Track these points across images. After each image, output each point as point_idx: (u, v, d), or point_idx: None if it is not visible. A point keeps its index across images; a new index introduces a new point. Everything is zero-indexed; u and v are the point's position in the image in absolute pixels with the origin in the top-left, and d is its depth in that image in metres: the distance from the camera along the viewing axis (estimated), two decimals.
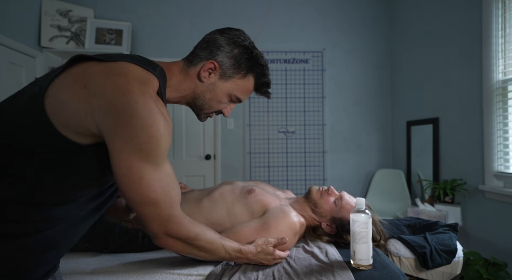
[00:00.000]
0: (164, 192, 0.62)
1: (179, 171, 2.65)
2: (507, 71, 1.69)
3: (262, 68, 0.77)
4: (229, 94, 0.76)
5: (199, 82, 0.73)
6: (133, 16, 2.66)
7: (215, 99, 0.76)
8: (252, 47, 0.76)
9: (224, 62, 0.73)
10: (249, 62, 0.75)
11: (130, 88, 0.58)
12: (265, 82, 0.79)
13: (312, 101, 2.80)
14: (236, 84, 0.75)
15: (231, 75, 0.74)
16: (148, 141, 0.58)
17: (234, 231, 0.93)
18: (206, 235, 0.71)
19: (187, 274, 0.83)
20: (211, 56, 0.72)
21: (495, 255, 1.65)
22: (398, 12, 2.76)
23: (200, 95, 0.75)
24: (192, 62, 0.74)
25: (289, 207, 1.05)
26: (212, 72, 0.73)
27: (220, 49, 0.73)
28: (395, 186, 2.60)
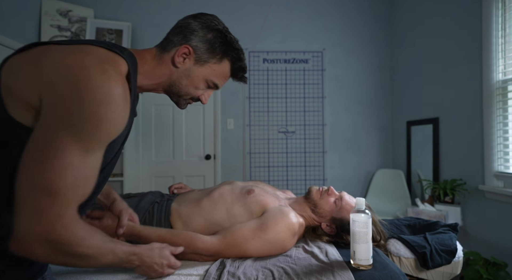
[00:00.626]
0: (74, 185, 0.52)
1: (179, 171, 2.66)
2: (507, 71, 1.69)
3: (237, 52, 0.76)
4: (206, 80, 0.75)
5: (174, 68, 0.71)
6: (133, 16, 2.66)
7: (191, 85, 0.74)
8: (226, 31, 0.75)
9: (199, 46, 0.71)
10: (224, 46, 0.73)
11: (89, 64, 0.54)
12: (240, 67, 0.78)
13: (312, 101, 2.80)
14: (212, 69, 0.74)
15: (206, 59, 0.72)
16: (88, 120, 0.52)
17: (231, 231, 0.93)
18: (92, 240, 0.59)
19: (187, 274, 0.83)
20: (184, 41, 0.70)
21: (495, 255, 1.65)
22: (398, 12, 2.76)
23: (176, 81, 0.73)
24: (165, 48, 0.71)
25: (288, 207, 1.05)
26: (186, 57, 0.71)
27: (194, 34, 0.71)
28: (395, 186, 2.60)
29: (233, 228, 0.94)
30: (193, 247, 0.89)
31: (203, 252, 0.89)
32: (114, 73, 0.56)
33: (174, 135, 2.68)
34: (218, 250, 0.90)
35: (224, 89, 2.71)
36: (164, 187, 2.28)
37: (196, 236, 0.91)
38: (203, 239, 0.91)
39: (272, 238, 0.92)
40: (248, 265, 0.87)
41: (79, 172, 0.53)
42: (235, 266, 0.87)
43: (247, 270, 0.84)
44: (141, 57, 0.69)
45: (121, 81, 0.57)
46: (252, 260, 0.91)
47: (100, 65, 0.55)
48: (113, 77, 0.55)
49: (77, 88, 0.51)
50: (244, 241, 0.91)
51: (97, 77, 0.53)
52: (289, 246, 0.96)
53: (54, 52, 0.55)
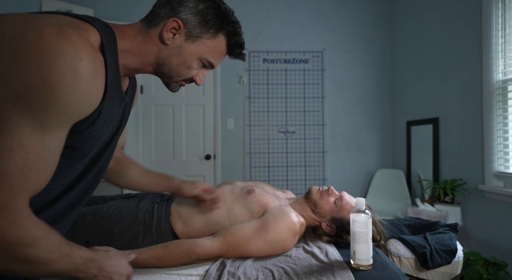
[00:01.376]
0: (23, 168, 0.44)
1: (179, 171, 2.65)
2: (507, 71, 1.69)
3: (233, 24, 0.66)
4: (199, 58, 0.65)
5: (163, 45, 0.62)
6: (133, 16, 2.66)
7: (183, 64, 0.65)
8: (220, 1, 0.65)
9: (189, 19, 0.61)
10: (218, 18, 0.64)
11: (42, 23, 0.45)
12: (237, 42, 0.68)
13: (312, 101, 2.80)
14: (206, 46, 0.64)
15: (199, 34, 0.63)
16: (40, 88, 0.42)
17: (232, 231, 0.93)
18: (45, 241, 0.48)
19: (187, 274, 0.84)
20: (172, 13, 0.61)
21: (495, 255, 1.65)
22: (398, 12, 2.76)
23: (165, 60, 0.63)
24: (152, 22, 0.62)
25: (289, 207, 1.05)
26: (176, 33, 0.61)
27: (183, 5, 0.61)
28: (395, 186, 2.60)
29: (233, 230, 0.94)
30: (195, 256, 0.88)
31: (205, 257, 0.89)
32: (77, 38, 0.47)
33: (174, 135, 2.68)
34: (220, 252, 0.90)
35: (224, 89, 2.71)
36: None
37: (194, 243, 0.89)
38: (203, 245, 0.89)
39: (273, 238, 0.92)
40: (248, 265, 0.87)
41: (31, 151, 0.44)
42: (235, 266, 0.87)
43: (247, 270, 0.84)
44: (122, 32, 0.60)
45: (88, 49, 0.48)
46: (252, 260, 0.91)
47: (59, 27, 0.46)
48: (75, 42, 0.46)
49: (24, 49, 0.42)
50: (245, 242, 0.90)
51: (51, 36, 0.44)
52: (290, 246, 0.96)
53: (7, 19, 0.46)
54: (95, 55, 0.50)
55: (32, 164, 0.45)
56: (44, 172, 0.47)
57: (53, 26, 0.46)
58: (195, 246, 0.88)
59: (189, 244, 0.89)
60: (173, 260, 0.86)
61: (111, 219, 1.00)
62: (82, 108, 0.49)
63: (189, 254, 0.87)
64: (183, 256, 0.86)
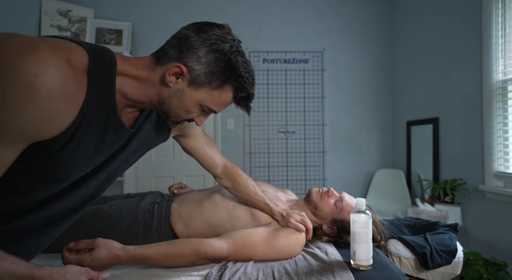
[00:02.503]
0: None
1: (179, 171, 2.65)
2: (507, 71, 1.69)
3: (241, 80, 0.62)
4: (200, 104, 0.63)
5: (165, 86, 0.60)
6: (133, 16, 2.66)
7: (182, 108, 0.63)
8: (233, 52, 0.61)
9: (195, 68, 0.59)
10: (226, 71, 0.60)
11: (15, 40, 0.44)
12: (244, 97, 0.66)
13: (312, 101, 2.80)
14: (209, 95, 0.62)
15: (203, 83, 0.60)
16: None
17: (242, 236, 0.92)
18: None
19: (187, 274, 0.84)
20: (180, 58, 0.59)
21: (495, 255, 1.65)
22: (398, 12, 2.76)
23: (166, 100, 0.61)
24: (159, 60, 0.60)
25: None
26: (180, 77, 0.60)
27: (192, 51, 0.59)
28: (395, 186, 2.60)
29: (243, 234, 0.93)
30: (203, 254, 0.86)
31: (213, 257, 0.88)
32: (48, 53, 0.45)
33: None
34: (228, 255, 0.89)
35: None
36: (164, 187, 2.28)
37: (202, 242, 0.87)
38: (212, 244, 0.88)
39: (282, 247, 0.92)
40: (249, 265, 0.87)
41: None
42: (237, 266, 0.87)
43: (248, 270, 0.84)
44: (128, 61, 0.60)
45: (59, 66, 0.46)
46: (253, 261, 0.91)
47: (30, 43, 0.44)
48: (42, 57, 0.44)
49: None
50: (253, 248, 0.90)
51: (14, 51, 0.43)
52: (296, 255, 0.96)
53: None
54: (69, 74, 0.47)
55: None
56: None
57: (26, 42, 0.44)
58: (204, 244, 0.87)
59: (197, 242, 0.87)
60: (181, 257, 0.84)
61: (111, 219, 1.00)
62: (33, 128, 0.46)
63: (198, 251, 0.85)
64: (191, 254, 0.84)
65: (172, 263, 0.84)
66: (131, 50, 2.58)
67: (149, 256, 0.82)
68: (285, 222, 0.99)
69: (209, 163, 0.98)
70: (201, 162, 0.98)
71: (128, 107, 0.64)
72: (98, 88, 0.53)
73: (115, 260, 0.78)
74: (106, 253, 0.77)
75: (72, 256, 0.75)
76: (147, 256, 0.82)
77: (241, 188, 1.02)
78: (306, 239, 0.99)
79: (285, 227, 0.98)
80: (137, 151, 0.73)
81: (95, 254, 0.76)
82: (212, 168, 1.00)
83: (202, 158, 0.96)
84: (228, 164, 1.04)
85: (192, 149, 0.94)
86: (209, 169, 1.00)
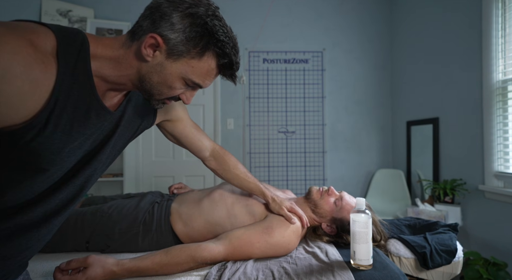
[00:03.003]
0: None
1: (179, 171, 2.66)
2: (507, 71, 1.69)
3: (221, 44, 0.57)
4: (182, 78, 0.59)
5: (143, 61, 0.57)
6: (133, 16, 2.65)
7: (164, 84, 0.59)
8: (209, 15, 0.56)
9: (170, 36, 0.54)
10: (204, 37, 0.56)
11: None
12: (227, 64, 0.60)
13: (312, 101, 2.80)
14: (190, 65, 0.58)
15: (181, 53, 0.56)
16: None
17: (237, 235, 0.92)
18: None
19: (187, 274, 0.84)
20: (153, 28, 0.55)
21: (495, 255, 1.65)
22: (398, 12, 2.76)
23: (145, 77, 0.58)
24: (134, 35, 0.57)
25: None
26: (156, 49, 0.56)
27: (165, 19, 0.54)
28: (395, 186, 2.60)
29: (238, 233, 0.93)
30: (201, 259, 0.85)
31: (211, 261, 0.87)
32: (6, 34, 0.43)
33: None
34: (225, 256, 0.89)
35: (224, 89, 2.71)
36: (164, 187, 2.28)
37: (199, 247, 0.86)
38: (208, 249, 0.86)
39: (278, 241, 0.92)
40: (249, 265, 0.87)
41: None
42: (236, 266, 0.87)
43: (248, 270, 0.84)
44: (102, 42, 0.56)
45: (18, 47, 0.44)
46: (253, 260, 0.91)
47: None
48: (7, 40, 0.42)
49: None
50: (250, 246, 0.90)
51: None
52: (293, 248, 0.96)
53: None
54: (31, 56, 0.45)
55: None
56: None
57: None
58: (200, 250, 0.85)
59: (194, 247, 0.86)
60: (178, 265, 0.82)
61: (111, 219, 1.00)
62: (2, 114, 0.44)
63: (194, 258, 0.84)
64: (188, 260, 0.83)
65: (169, 271, 0.82)
66: None
67: (145, 267, 0.80)
68: (277, 207, 1.00)
69: (197, 146, 0.97)
70: (189, 146, 0.96)
71: (111, 91, 0.61)
72: (71, 71, 0.50)
73: (110, 276, 0.76)
74: (100, 271, 0.74)
75: (64, 278, 0.72)
76: (143, 268, 0.80)
77: (231, 169, 1.03)
78: (302, 226, 0.99)
79: (276, 212, 0.99)
80: (123, 135, 0.70)
81: (88, 273, 0.73)
82: (201, 151, 0.99)
83: (190, 141, 0.95)
84: (217, 147, 1.05)
85: (179, 134, 0.92)
86: (198, 153, 0.99)
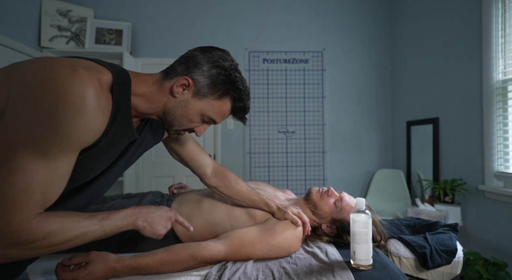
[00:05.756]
0: (26, 191, 0.51)
1: (179, 171, 2.65)
2: (507, 71, 1.69)
3: (239, 92, 0.73)
4: (202, 114, 0.73)
5: (172, 97, 0.70)
6: (133, 16, 2.66)
7: (186, 117, 0.72)
8: (232, 70, 0.72)
9: (199, 80, 0.70)
10: (226, 84, 0.71)
11: (58, 65, 0.53)
12: (241, 107, 0.76)
13: (312, 101, 2.80)
14: (210, 105, 0.72)
15: (206, 94, 0.71)
16: (42, 122, 0.50)
17: (238, 236, 0.92)
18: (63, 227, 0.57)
19: (187, 274, 0.84)
20: (187, 72, 0.70)
21: (495, 255, 1.65)
22: (398, 12, 2.76)
23: (171, 110, 0.71)
24: (168, 76, 0.71)
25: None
26: (185, 89, 0.70)
27: (198, 67, 0.70)
28: (395, 186, 2.60)
29: (239, 234, 0.92)
30: (201, 258, 0.85)
31: (211, 260, 0.87)
32: (87, 77, 0.54)
33: None
34: (226, 256, 0.89)
35: None
36: (164, 187, 2.28)
37: (200, 246, 0.87)
38: (209, 247, 0.87)
39: (279, 243, 0.92)
40: (249, 265, 0.87)
41: (35, 176, 0.51)
42: (236, 266, 0.87)
43: (247, 270, 0.84)
44: (140, 79, 0.69)
45: (95, 87, 0.55)
46: (253, 260, 0.91)
47: (71, 68, 0.53)
48: (83, 80, 0.53)
49: (38, 88, 0.50)
50: (251, 246, 0.90)
51: (62, 77, 0.51)
52: (294, 250, 0.96)
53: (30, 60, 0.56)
54: (101, 93, 0.57)
55: (36, 186, 0.52)
56: (52, 192, 0.55)
57: (68, 67, 0.53)
58: (201, 248, 0.86)
59: (194, 246, 0.86)
60: (178, 262, 0.83)
61: None
62: (85, 139, 0.56)
63: (195, 256, 0.84)
64: (188, 259, 0.84)
65: (169, 269, 0.83)
66: (131, 50, 2.58)
67: (145, 264, 0.81)
68: (282, 213, 0.99)
69: (198, 161, 0.99)
70: (190, 161, 0.99)
71: (136, 117, 0.74)
72: (118, 103, 0.62)
73: (111, 272, 0.77)
74: (101, 267, 0.76)
75: (66, 273, 0.73)
76: (143, 265, 0.81)
77: (233, 184, 1.03)
78: (304, 233, 0.99)
79: (282, 219, 0.98)
80: (136, 152, 0.79)
81: (89, 268, 0.74)
82: (202, 167, 1.01)
83: (191, 156, 0.98)
84: (217, 165, 1.07)
85: (181, 148, 0.96)
86: (199, 168, 1.01)
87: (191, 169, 1.01)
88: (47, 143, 0.51)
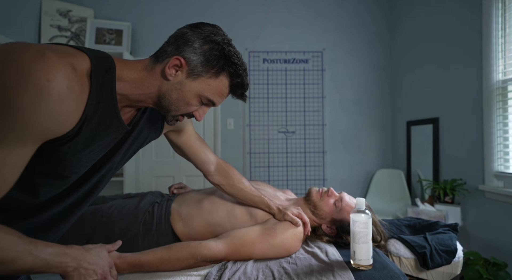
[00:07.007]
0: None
1: (179, 171, 2.66)
2: (507, 71, 1.69)
3: (235, 67, 0.67)
4: (199, 95, 0.67)
5: (165, 80, 0.65)
6: (133, 16, 2.66)
7: (182, 100, 0.66)
8: (225, 44, 0.66)
9: (192, 58, 0.64)
10: (220, 59, 0.65)
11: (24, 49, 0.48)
12: (239, 83, 0.70)
13: (312, 101, 2.80)
14: (207, 84, 0.66)
15: (200, 73, 0.65)
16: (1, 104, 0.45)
17: (239, 235, 0.92)
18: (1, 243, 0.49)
19: (187, 274, 0.84)
20: (178, 52, 0.64)
21: (495, 255, 1.65)
22: (398, 12, 2.76)
23: (165, 94, 0.65)
24: (158, 58, 0.65)
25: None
26: (178, 70, 0.64)
27: (188, 44, 0.64)
28: (395, 186, 2.60)
29: (240, 233, 0.93)
30: (201, 257, 0.86)
31: (211, 259, 0.87)
32: (55, 59, 0.49)
33: None
34: (226, 255, 0.89)
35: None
36: (164, 187, 2.28)
37: (200, 245, 0.87)
38: (209, 246, 0.87)
39: (279, 243, 0.92)
40: (249, 265, 0.87)
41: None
42: (236, 266, 0.87)
43: (248, 270, 0.84)
44: (127, 65, 0.64)
45: (66, 71, 0.50)
46: (253, 260, 0.91)
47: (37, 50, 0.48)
48: (50, 63, 0.48)
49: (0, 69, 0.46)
50: (251, 246, 0.90)
51: (25, 58, 0.46)
52: (294, 251, 0.96)
53: None
54: (74, 78, 0.51)
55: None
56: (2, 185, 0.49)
57: (34, 50, 0.48)
58: (201, 247, 0.86)
59: (194, 245, 0.87)
60: (178, 261, 0.83)
61: (111, 219, 1.00)
62: (47, 126, 0.50)
63: (194, 255, 0.85)
64: (188, 257, 0.84)
65: (169, 267, 0.83)
66: (131, 50, 2.58)
67: (146, 261, 0.81)
68: (282, 215, 0.99)
69: (201, 158, 0.97)
70: (193, 157, 0.97)
71: (128, 107, 0.68)
72: (99, 91, 0.57)
73: None
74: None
75: None
76: (144, 262, 0.81)
77: (236, 183, 1.02)
78: (304, 233, 0.99)
79: (282, 220, 0.98)
80: (132, 146, 0.76)
81: None
82: (205, 164, 0.99)
83: (194, 152, 0.96)
84: (221, 161, 1.05)
85: (184, 144, 0.93)
86: (202, 165, 0.99)
87: (195, 165, 1.00)
88: (2, 128, 0.46)
